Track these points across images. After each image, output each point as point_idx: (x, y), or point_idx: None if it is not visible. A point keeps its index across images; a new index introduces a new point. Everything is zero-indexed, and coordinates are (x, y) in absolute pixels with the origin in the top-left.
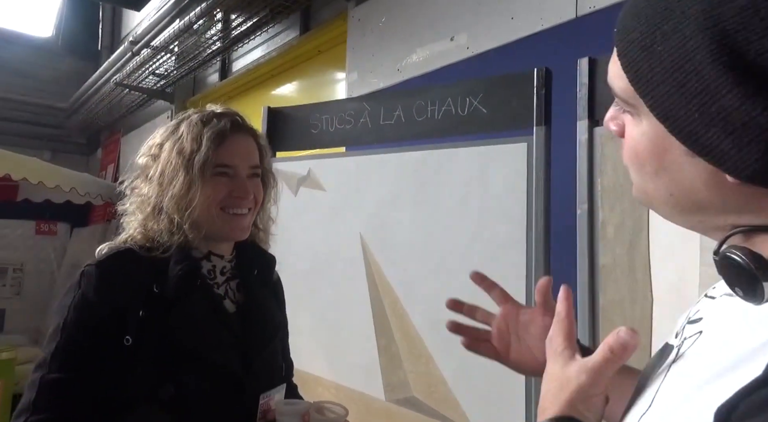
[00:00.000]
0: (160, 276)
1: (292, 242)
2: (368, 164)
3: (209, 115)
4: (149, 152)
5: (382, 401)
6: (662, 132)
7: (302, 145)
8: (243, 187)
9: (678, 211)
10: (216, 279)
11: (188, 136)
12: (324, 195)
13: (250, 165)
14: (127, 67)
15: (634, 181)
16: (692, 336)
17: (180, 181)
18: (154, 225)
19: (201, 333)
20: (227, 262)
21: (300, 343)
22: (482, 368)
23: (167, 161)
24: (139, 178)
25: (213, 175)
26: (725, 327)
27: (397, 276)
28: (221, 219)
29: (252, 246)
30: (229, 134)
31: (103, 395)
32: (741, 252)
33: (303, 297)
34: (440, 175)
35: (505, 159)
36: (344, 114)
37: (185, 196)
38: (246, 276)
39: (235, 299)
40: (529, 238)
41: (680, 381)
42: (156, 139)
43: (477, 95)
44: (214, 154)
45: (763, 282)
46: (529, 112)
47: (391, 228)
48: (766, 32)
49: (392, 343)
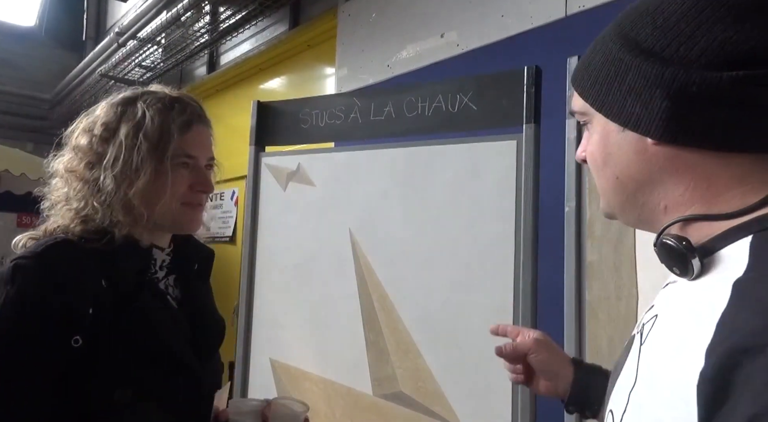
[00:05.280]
0: (107, 270)
1: (280, 237)
2: (358, 160)
3: (169, 100)
4: (92, 132)
5: (370, 396)
6: (604, 124)
7: (292, 140)
8: (206, 180)
9: (625, 197)
10: (157, 274)
11: (153, 121)
12: (313, 190)
13: (208, 156)
14: (112, 59)
15: (599, 186)
16: (650, 321)
17: (149, 172)
18: (107, 217)
19: (154, 331)
20: (166, 255)
21: (288, 338)
22: (470, 363)
23: (129, 147)
24: (79, 161)
25: (175, 165)
26: (674, 305)
27: (386, 272)
28: (181, 212)
29: (189, 239)
30: (195, 123)
31: (51, 407)
32: (672, 237)
33: (291, 292)
34: (430, 172)
35: (494, 156)
36: (334, 109)
37: (152, 188)
38: (185, 271)
39: (174, 295)
40: (518, 235)
41: (655, 356)
42: (98, 117)
43: (467, 92)
44: (180, 144)
45: (692, 260)
46: (519, 110)
47: (381, 224)
48: (649, 24)
49: (380, 338)
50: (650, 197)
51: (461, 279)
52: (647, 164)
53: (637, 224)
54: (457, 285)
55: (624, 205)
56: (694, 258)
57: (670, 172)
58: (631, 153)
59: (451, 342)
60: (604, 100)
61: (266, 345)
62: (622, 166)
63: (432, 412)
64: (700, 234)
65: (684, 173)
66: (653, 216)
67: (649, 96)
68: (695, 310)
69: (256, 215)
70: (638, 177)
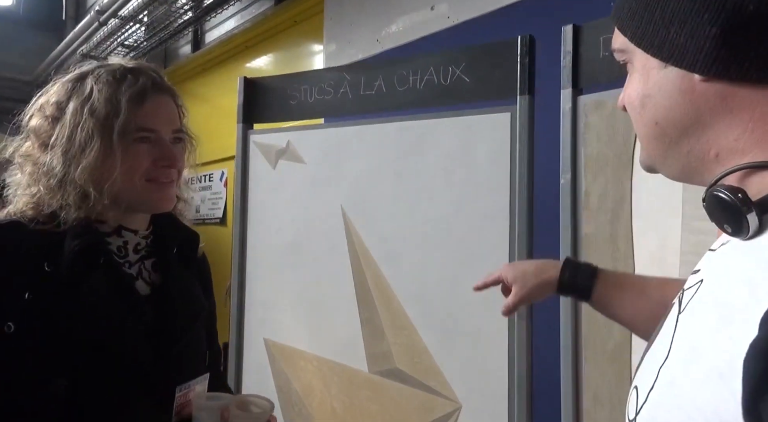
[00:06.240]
0: (53, 253)
1: (271, 216)
2: (349, 136)
3: (122, 71)
4: (44, 112)
5: (366, 373)
6: (644, 61)
7: (280, 117)
8: (170, 155)
9: (668, 145)
10: (128, 257)
11: (101, 96)
12: (303, 167)
13: (173, 129)
14: (93, 38)
15: (638, 133)
16: (693, 286)
17: (96, 149)
18: (58, 201)
19: (101, 319)
20: (142, 238)
21: (281, 318)
22: (465, 338)
23: (76, 125)
24: (32, 143)
25: (133, 140)
26: (724, 269)
27: (379, 249)
28: (146, 190)
29: (171, 220)
30: (150, 94)
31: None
32: (725, 188)
33: (284, 271)
34: (422, 146)
35: (488, 129)
36: (323, 84)
37: (101, 167)
38: (164, 255)
39: (150, 280)
40: (513, 209)
41: (695, 326)
42: (51, 96)
43: (460, 64)
44: (133, 118)
45: (747, 215)
46: (513, 82)
47: (373, 201)
48: None
49: (375, 316)
50: (697, 144)
51: (456, 254)
52: (694, 106)
53: (680, 176)
54: (452, 260)
55: (666, 154)
56: (751, 213)
57: (723, 113)
58: (674, 93)
59: (446, 318)
60: (644, 33)
61: (260, 325)
62: (663, 109)
63: (428, 387)
64: (760, 187)
65: (740, 114)
66: (701, 166)
67: (695, 22)
68: (749, 274)
69: (245, 194)
70: (683, 121)
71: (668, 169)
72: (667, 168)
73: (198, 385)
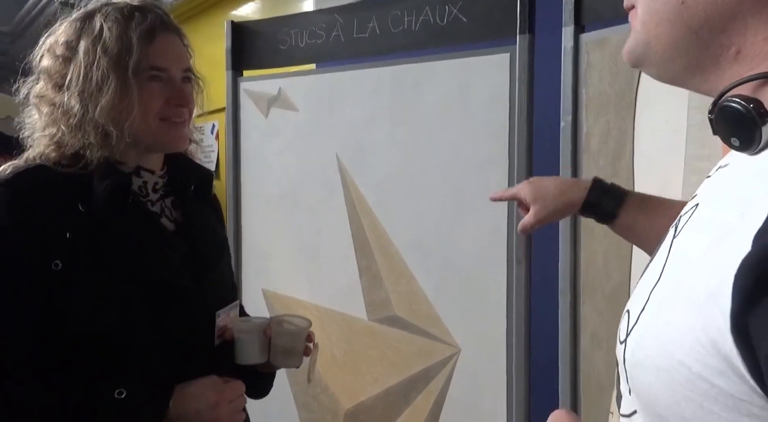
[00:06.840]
0: (84, 194)
1: (264, 166)
2: (342, 81)
3: (129, 9)
4: (54, 52)
5: (365, 320)
6: None
7: (270, 63)
8: (182, 94)
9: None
10: (149, 197)
11: (111, 34)
12: (296, 115)
13: (182, 67)
14: None
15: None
16: (689, 211)
17: (112, 88)
18: (80, 140)
19: (140, 253)
20: (159, 178)
21: (278, 268)
22: (463, 283)
23: (89, 64)
24: (44, 84)
25: (146, 79)
26: (722, 190)
27: (375, 196)
28: (161, 130)
29: (185, 160)
30: (159, 32)
31: (36, 333)
32: (738, 98)
33: (280, 221)
34: (418, 90)
35: (486, 71)
36: (314, 28)
37: (119, 105)
38: (182, 193)
39: (172, 217)
40: (512, 153)
41: (688, 247)
42: (59, 36)
43: (456, 3)
44: (145, 56)
45: (762, 127)
46: (512, 20)
47: (369, 148)
48: None
49: (373, 264)
50: (720, 36)
51: (454, 201)
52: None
53: (679, 74)
54: (450, 207)
55: (677, 42)
56: (765, 125)
57: (760, 6)
58: None
59: (444, 265)
60: None
61: (257, 276)
62: None
63: (427, 333)
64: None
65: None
66: (713, 65)
67: None
68: (744, 194)
69: (237, 144)
70: (715, 7)
71: (667, 62)
72: (666, 62)
73: (232, 311)
